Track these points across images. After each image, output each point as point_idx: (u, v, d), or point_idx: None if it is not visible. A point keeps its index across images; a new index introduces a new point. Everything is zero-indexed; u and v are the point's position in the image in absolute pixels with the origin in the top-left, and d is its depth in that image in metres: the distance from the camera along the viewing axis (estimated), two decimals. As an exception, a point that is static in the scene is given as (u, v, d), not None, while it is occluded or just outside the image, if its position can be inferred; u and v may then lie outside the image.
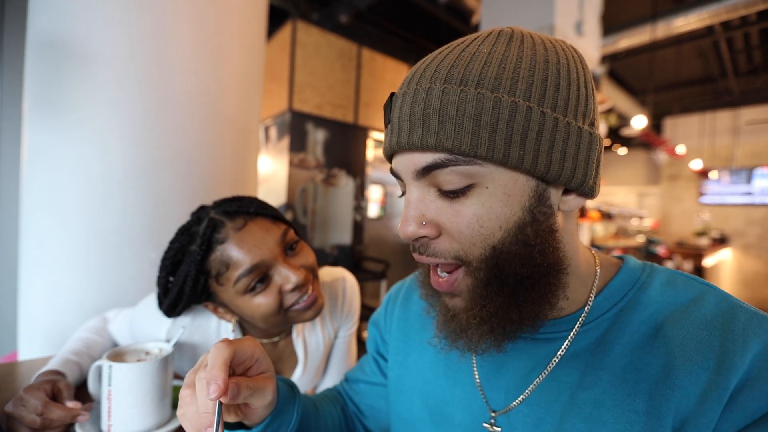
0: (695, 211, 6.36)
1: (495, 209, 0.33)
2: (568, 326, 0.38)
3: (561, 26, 2.44)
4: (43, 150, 1.00)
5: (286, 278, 0.61)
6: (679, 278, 0.38)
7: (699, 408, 0.31)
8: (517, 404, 0.39)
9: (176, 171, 1.07)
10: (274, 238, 0.62)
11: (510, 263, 0.33)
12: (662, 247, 4.94)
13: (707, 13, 3.28)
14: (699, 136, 6.28)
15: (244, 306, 0.61)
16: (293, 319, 0.64)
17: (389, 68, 3.49)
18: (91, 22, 0.98)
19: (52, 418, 0.52)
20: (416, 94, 0.32)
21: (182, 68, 1.07)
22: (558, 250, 0.35)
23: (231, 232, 0.60)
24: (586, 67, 0.35)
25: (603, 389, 0.34)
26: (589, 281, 0.39)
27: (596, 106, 0.35)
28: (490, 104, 0.30)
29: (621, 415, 0.33)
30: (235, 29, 1.19)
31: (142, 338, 0.72)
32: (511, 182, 0.32)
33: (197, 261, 0.60)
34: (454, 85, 0.31)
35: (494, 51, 0.32)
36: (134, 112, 1.02)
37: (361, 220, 3.29)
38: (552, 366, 0.38)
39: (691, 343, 0.33)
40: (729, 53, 4.63)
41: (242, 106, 1.24)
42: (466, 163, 0.31)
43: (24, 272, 1.03)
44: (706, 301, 0.35)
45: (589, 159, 0.34)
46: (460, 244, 0.34)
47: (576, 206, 0.36)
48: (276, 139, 3.03)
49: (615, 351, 0.35)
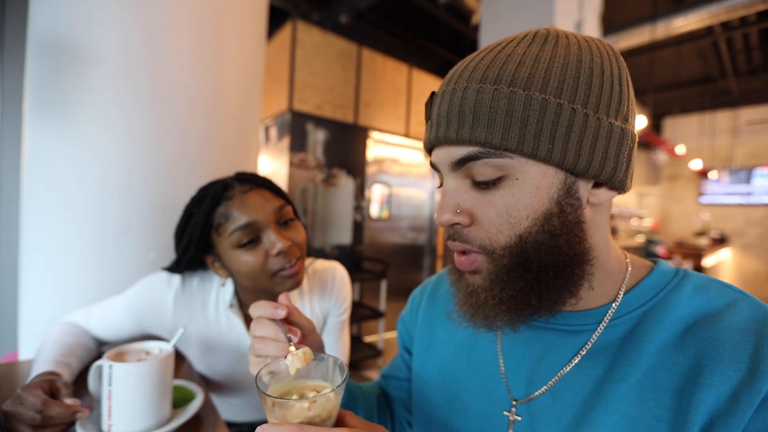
0: (695, 211, 6.36)
1: (524, 200, 0.34)
2: (596, 319, 0.38)
3: (561, 26, 2.43)
4: (43, 150, 1.00)
5: (272, 243, 0.69)
6: (712, 284, 0.37)
7: (729, 408, 0.30)
8: (540, 394, 0.39)
9: (176, 171, 1.07)
10: (272, 207, 0.71)
11: (535, 251, 0.34)
12: (662, 247, 4.94)
13: (707, 14, 3.28)
14: (698, 136, 6.28)
15: (234, 260, 0.70)
16: (276, 286, 0.71)
17: (389, 68, 3.49)
18: (92, 23, 0.98)
19: (52, 416, 0.52)
20: (454, 93, 0.35)
21: (182, 68, 1.07)
22: (584, 241, 0.36)
23: (237, 193, 0.71)
24: (621, 65, 0.36)
25: (630, 384, 0.34)
26: (619, 277, 0.40)
27: (631, 103, 0.36)
28: (522, 101, 0.32)
29: (647, 411, 0.33)
30: (235, 29, 1.19)
31: (150, 312, 0.76)
32: (540, 174, 0.34)
33: (206, 212, 0.70)
34: (488, 84, 0.33)
35: (528, 52, 0.35)
36: (134, 112, 1.02)
37: (361, 220, 3.29)
38: (578, 358, 0.38)
39: (724, 346, 0.32)
40: (728, 53, 4.63)
41: (242, 106, 1.24)
42: (497, 156, 0.34)
43: (24, 272, 1.03)
44: (740, 308, 0.34)
45: (620, 153, 0.35)
46: (487, 233, 0.36)
47: (606, 199, 0.36)
48: (276, 139, 3.03)
49: (644, 348, 0.35)
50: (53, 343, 0.71)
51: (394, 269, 3.55)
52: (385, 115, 3.47)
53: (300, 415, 0.30)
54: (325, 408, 0.31)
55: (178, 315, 0.77)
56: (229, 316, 0.79)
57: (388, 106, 3.49)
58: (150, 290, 0.77)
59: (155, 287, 0.77)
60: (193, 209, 0.73)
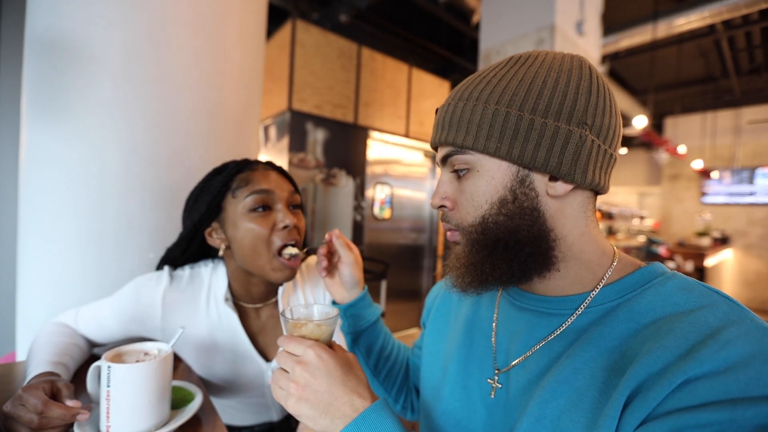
0: (696, 211, 6.35)
1: (482, 187, 0.43)
2: (573, 305, 0.43)
3: (561, 26, 2.43)
4: (41, 150, 1.00)
5: (281, 218, 0.74)
6: (698, 287, 0.38)
7: (652, 384, 0.32)
8: (514, 365, 0.46)
9: (175, 171, 1.07)
10: (288, 188, 0.78)
11: (494, 230, 0.42)
12: (663, 247, 4.93)
13: (708, 12, 3.27)
14: (700, 136, 6.26)
15: (242, 226, 0.73)
16: (272, 272, 0.74)
17: (389, 68, 3.48)
18: (90, 22, 0.98)
19: (53, 417, 0.51)
20: (447, 108, 0.46)
21: (181, 68, 1.07)
22: (538, 225, 0.42)
23: (261, 167, 0.78)
24: (583, 77, 0.42)
25: (584, 360, 0.38)
26: (599, 270, 0.43)
27: (590, 108, 0.41)
28: (480, 111, 0.42)
29: (594, 385, 0.36)
30: (235, 29, 1.19)
31: (139, 312, 0.76)
32: (495, 167, 0.43)
33: (229, 174, 0.75)
34: (462, 101, 0.44)
35: (499, 73, 0.43)
36: (133, 112, 1.01)
37: (361, 220, 3.29)
38: (551, 337, 0.43)
39: (675, 333, 0.33)
40: (730, 52, 4.62)
41: (242, 105, 1.23)
42: (463, 153, 0.44)
43: (22, 273, 1.03)
44: (716, 309, 0.34)
45: (565, 151, 0.40)
46: (461, 214, 0.45)
47: (563, 191, 0.42)
48: (276, 138, 3.03)
49: (607, 333, 0.38)
50: (47, 344, 0.70)
51: (395, 270, 3.55)
52: (385, 115, 3.46)
53: (311, 333, 0.47)
54: (324, 332, 0.47)
55: (167, 314, 0.77)
56: (223, 310, 0.78)
57: (388, 106, 3.48)
58: (139, 291, 0.77)
59: (144, 287, 0.77)
60: (214, 175, 0.78)
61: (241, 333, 0.79)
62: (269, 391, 0.85)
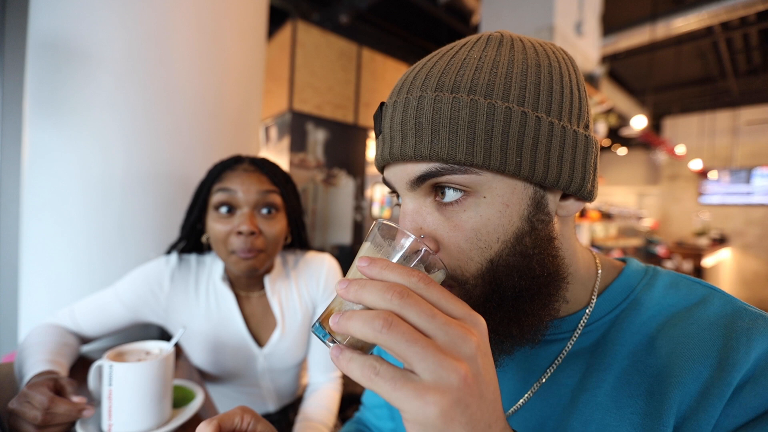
0: (695, 211, 6.36)
1: (493, 221, 0.31)
2: (570, 327, 0.37)
3: (561, 26, 2.44)
4: (44, 150, 1.00)
5: (239, 223, 0.75)
6: (682, 281, 0.37)
7: (699, 404, 0.30)
8: (518, 408, 0.38)
9: (176, 171, 1.08)
10: (257, 188, 0.76)
11: (508, 276, 0.32)
12: (662, 247, 4.94)
13: (707, 14, 3.28)
14: (698, 136, 6.28)
15: (209, 222, 0.77)
16: (232, 265, 0.77)
17: (389, 68, 3.49)
18: (92, 23, 0.98)
19: (58, 413, 0.52)
20: (407, 103, 0.32)
21: (182, 68, 1.07)
22: (557, 258, 0.34)
23: (240, 168, 0.78)
24: (577, 69, 0.35)
25: (605, 391, 0.34)
26: (590, 283, 0.39)
27: (589, 109, 0.35)
28: (484, 110, 0.30)
29: (623, 418, 0.32)
30: (235, 29, 1.19)
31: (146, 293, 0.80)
32: (509, 191, 0.31)
33: (218, 168, 0.79)
34: (446, 92, 0.30)
35: (485, 56, 0.32)
36: (134, 112, 1.02)
37: (361, 220, 3.29)
38: (553, 368, 0.37)
39: (693, 342, 0.32)
40: (728, 53, 4.63)
41: (242, 106, 1.24)
42: (462, 173, 0.30)
43: (25, 272, 1.03)
44: (711, 304, 0.34)
45: (586, 162, 0.33)
46: (457, 261, 0.32)
47: (575, 211, 0.35)
48: (276, 139, 3.03)
49: (616, 352, 0.35)
50: (40, 344, 0.70)
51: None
52: (385, 115, 3.46)
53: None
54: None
55: (172, 294, 0.81)
56: (220, 291, 0.83)
57: (388, 106, 3.49)
58: (147, 272, 0.82)
59: (152, 267, 0.82)
60: (211, 169, 0.82)
61: (236, 312, 0.83)
62: (263, 380, 0.87)
